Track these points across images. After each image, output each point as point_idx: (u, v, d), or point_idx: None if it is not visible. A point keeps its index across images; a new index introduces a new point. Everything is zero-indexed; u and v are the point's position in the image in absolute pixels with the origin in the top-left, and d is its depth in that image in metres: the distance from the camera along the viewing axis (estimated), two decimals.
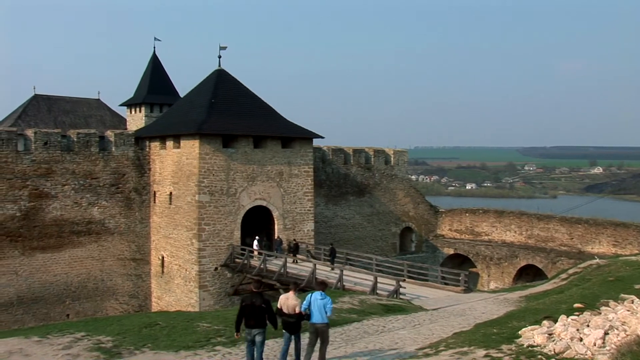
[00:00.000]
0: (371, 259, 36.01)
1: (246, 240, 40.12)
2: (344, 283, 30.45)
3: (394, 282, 28.93)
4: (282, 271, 34.59)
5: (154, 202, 43.15)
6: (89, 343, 18.47)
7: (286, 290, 16.07)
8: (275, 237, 40.49)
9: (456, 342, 16.00)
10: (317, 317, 14.27)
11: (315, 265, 33.50)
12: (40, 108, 64.17)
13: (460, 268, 41.16)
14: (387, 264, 36.03)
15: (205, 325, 21.16)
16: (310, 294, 14.72)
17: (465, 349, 14.98)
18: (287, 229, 41.33)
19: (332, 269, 33.89)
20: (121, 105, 67.68)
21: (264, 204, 40.67)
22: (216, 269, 38.83)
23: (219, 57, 43.63)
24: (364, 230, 52.33)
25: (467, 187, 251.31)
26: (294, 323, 14.41)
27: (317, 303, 14.33)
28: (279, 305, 14.74)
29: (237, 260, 38.63)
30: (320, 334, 14.34)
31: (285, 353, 14.52)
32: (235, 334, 15.17)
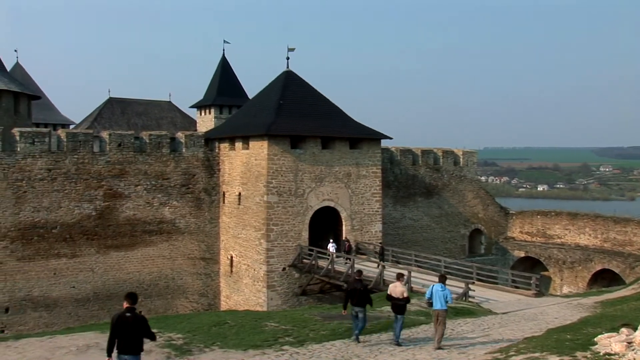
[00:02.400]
0: (439, 261, 35.52)
1: (318, 242, 40.17)
2: (412, 285, 30.12)
3: (462, 285, 28.43)
4: (349, 272, 34.45)
5: (223, 203, 43.73)
6: (161, 340, 18.81)
7: (398, 279, 19.26)
8: (343, 238, 40.41)
9: (527, 348, 15.57)
10: (437, 305, 17.42)
11: (383, 266, 33.28)
12: (115, 110, 66.14)
13: (531, 271, 40.08)
14: (455, 266, 35.46)
15: (273, 324, 21.28)
16: (432, 286, 17.95)
17: (537, 354, 14.55)
18: (355, 230, 41.21)
19: (383, 266, 33.81)
20: (191, 107, 69.15)
21: (331, 204, 40.66)
22: (284, 269, 39.04)
23: (287, 58, 43.90)
24: (432, 232, 51.73)
25: (538, 189, 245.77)
26: (401, 305, 18.13)
27: (438, 294, 17.49)
28: (389, 292, 18.47)
29: (304, 260, 38.72)
30: (440, 318, 17.34)
31: (399, 331, 18.18)
32: (342, 311, 19.58)
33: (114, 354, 12.61)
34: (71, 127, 70.00)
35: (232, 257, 42.69)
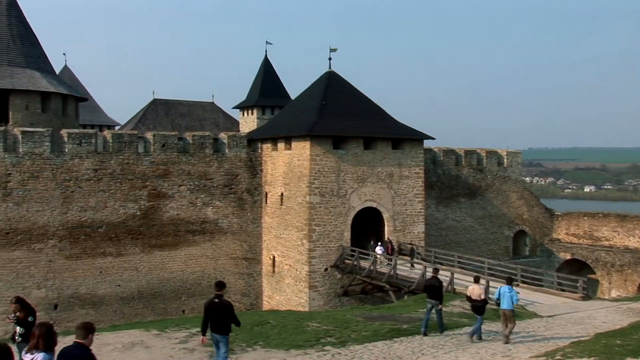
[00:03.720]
0: (483, 263, 35.08)
1: (360, 243, 40.10)
2: (455, 286, 29.82)
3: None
4: (392, 273, 34.32)
5: (266, 203, 43.93)
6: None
7: (476, 282, 20.90)
8: (385, 239, 40.24)
9: (574, 352, 15.26)
10: (505, 305, 18.87)
11: (425, 267, 33.03)
12: (159, 112, 67.08)
13: (577, 274, 39.35)
14: (499, 268, 35.00)
15: (315, 325, 21.30)
16: (499, 288, 19.46)
17: (584, 359, 14.25)
18: (397, 230, 41.00)
19: (412, 265, 33.38)
20: (234, 108, 69.70)
21: (374, 205, 40.52)
22: (326, 269, 39.03)
23: (330, 59, 43.91)
24: (475, 233, 51.19)
25: (585, 190, 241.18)
26: (480, 306, 19.50)
27: (506, 295, 18.92)
28: (468, 294, 20.13)
29: (346, 261, 38.66)
30: (508, 317, 18.88)
31: (478, 329, 19.47)
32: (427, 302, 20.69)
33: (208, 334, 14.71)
34: (116, 128, 71.20)
35: (274, 257, 42.85)
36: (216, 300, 14.38)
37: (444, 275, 32.02)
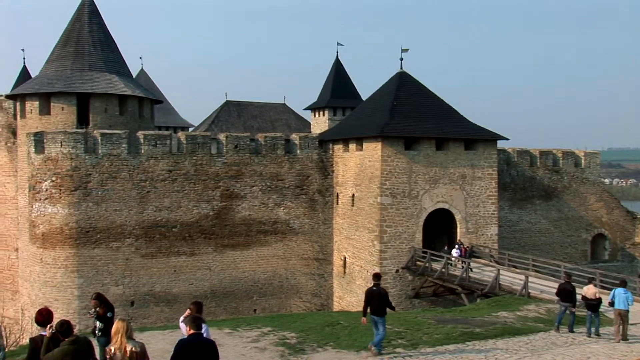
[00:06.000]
0: (559, 266, 34.09)
1: (431, 245, 39.68)
2: (529, 290, 29.12)
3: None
4: (464, 276, 33.81)
5: (337, 204, 43.95)
6: (275, 338, 19.14)
7: (589, 283, 22.48)
8: (457, 241, 39.64)
9: None
10: (620, 305, 20.19)
11: (499, 270, 32.40)
12: (231, 113, 68.04)
13: None
14: (576, 272, 33.93)
15: (386, 326, 21.14)
16: (614, 290, 20.86)
17: None
18: (470, 232, 40.33)
19: (468, 264, 32.59)
20: (305, 109, 69.99)
21: (446, 206, 39.97)
22: (397, 271, 38.75)
23: (401, 59, 43.57)
24: (550, 236, 49.83)
25: None
26: (595, 305, 20.96)
27: (621, 296, 20.30)
28: (583, 293, 21.51)
29: (418, 263, 38.29)
30: (622, 317, 20.22)
31: (589, 328, 21.11)
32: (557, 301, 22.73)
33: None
34: (190, 129, 72.62)
35: (345, 258, 42.83)
36: (374, 288, 17.58)
37: (517, 279, 31.47)
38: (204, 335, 10.54)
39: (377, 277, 18.23)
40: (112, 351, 9.83)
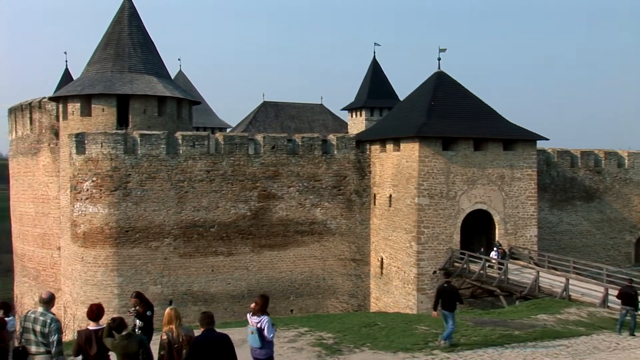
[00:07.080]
0: (601, 269, 33.44)
1: (469, 246, 39.31)
2: (570, 293, 28.62)
3: None
4: (502, 277, 33.39)
5: (374, 204, 43.80)
6: (312, 338, 19.12)
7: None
8: (495, 242, 39.18)
9: None
10: None
11: (538, 272, 31.92)
12: (269, 114, 68.29)
13: None
14: (619, 275, 33.23)
15: (424, 328, 21.01)
16: None
17: None
18: (509, 234, 39.81)
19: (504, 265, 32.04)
20: (343, 109, 69.91)
21: (484, 207, 39.52)
22: (435, 272, 38.42)
23: (439, 59, 43.26)
24: (592, 238, 48.95)
25: None
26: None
27: None
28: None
29: (456, 264, 37.93)
30: None
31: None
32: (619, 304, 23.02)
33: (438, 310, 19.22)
34: (228, 130, 73.10)
35: (382, 259, 42.66)
36: (445, 285, 19.18)
37: (557, 281, 30.96)
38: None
39: (447, 274, 20.47)
40: (166, 338, 11.10)
